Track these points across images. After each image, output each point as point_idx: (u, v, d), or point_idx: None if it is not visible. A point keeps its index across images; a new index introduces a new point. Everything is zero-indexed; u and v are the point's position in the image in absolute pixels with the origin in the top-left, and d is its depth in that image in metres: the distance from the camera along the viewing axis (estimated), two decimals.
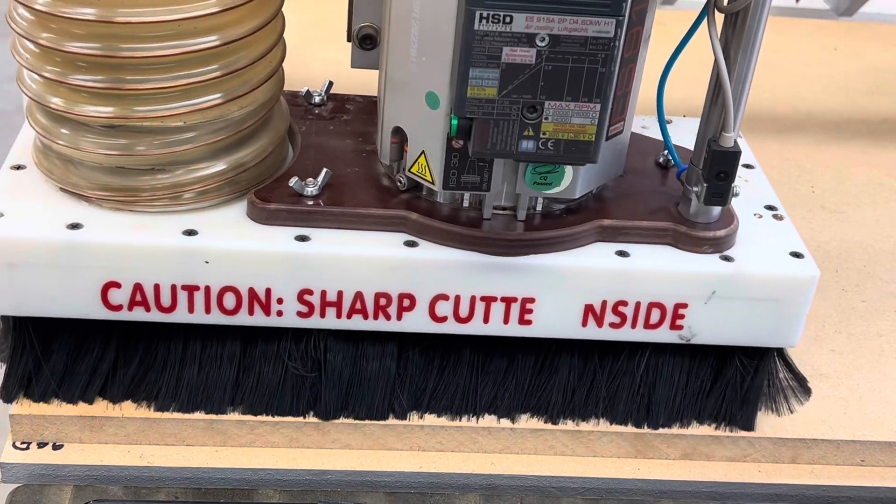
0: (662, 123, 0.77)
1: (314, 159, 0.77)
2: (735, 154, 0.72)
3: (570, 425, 0.77)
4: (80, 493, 0.72)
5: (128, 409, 0.74)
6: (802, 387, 0.80)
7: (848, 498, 0.79)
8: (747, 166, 0.86)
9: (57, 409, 0.74)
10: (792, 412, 0.79)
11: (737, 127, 0.73)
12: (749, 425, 0.78)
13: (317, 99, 0.85)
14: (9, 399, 0.74)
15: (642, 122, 0.86)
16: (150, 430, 0.75)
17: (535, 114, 0.66)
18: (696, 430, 0.78)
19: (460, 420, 0.77)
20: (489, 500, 0.75)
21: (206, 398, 0.75)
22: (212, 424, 0.75)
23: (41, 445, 0.74)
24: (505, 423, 0.77)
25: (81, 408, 0.74)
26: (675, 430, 0.77)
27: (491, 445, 0.77)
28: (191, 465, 0.74)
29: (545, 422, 0.77)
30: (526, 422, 0.77)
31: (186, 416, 0.74)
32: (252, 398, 0.75)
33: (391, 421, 0.76)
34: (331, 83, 0.85)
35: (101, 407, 0.74)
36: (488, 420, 0.77)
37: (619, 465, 0.78)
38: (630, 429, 0.77)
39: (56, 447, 0.74)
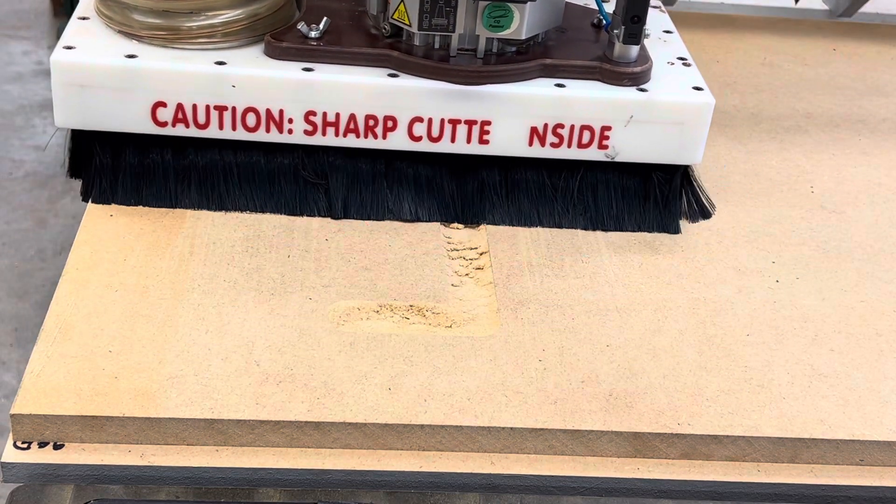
0: None
1: (317, 14, 0.95)
2: (645, 0, 0.92)
3: (567, 425, 0.77)
4: (80, 493, 0.73)
5: (129, 408, 0.75)
6: (708, 202, 1.00)
7: (847, 497, 0.79)
8: (667, 31, 1.06)
9: (58, 408, 0.74)
10: (705, 217, 0.99)
11: None
12: (673, 229, 0.98)
13: None
14: (86, 198, 0.95)
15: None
16: (150, 430, 0.75)
17: None
18: (696, 429, 0.78)
19: (439, 221, 0.96)
20: (489, 500, 0.75)
21: (247, 201, 0.95)
22: (212, 424, 0.75)
23: (42, 445, 0.74)
24: (505, 422, 0.77)
25: (82, 408, 0.74)
26: (675, 429, 0.78)
27: (491, 445, 0.77)
28: (191, 465, 0.74)
29: (511, 225, 0.97)
30: (524, 419, 0.77)
31: (187, 416, 0.75)
32: (278, 201, 0.95)
33: (391, 421, 0.76)
34: None
35: (101, 407, 0.74)
36: (488, 420, 0.77)
37: (618, 464, 0.78)
38: (629, 428, 0.77)
39: (57, 447, 0.74)
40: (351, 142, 0.93)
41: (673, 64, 0.99)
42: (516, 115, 0.93)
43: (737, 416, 0.79)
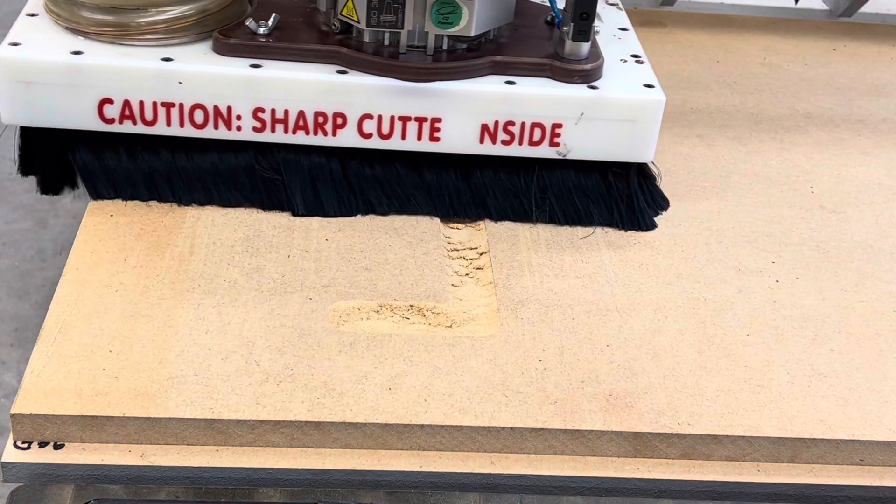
0: None
1: (268, 11, 0.95)
2: None
3: (567, 425, 0.77)
4: (80, 493, 0.73)
5: (129, 408, 0.75)
6: (663, 199, 1.00)
7: (847, 497, 0.79)
8: (622, 29, 1.06)
9: (58, 408, 0.74)
10: (659, 212, 0.99)
11: None
12: (639, 226, 0.97)
13: None
14: (44, 191, 0.95)
15: None
16: (150, 430, 0.75)
17: None
18: (696, 429, 0.78)
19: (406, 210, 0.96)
20: (489, 500, 0.75)
21: (202, 197, 0.94)
22: (212, 424, 0.75)
23: (42, 445, 0.74)
24: (505, 422, 0.77)
25: (82, 408, 0.74)
26: (675, 429, 0.78)
27: (491, 445, 0.77)
28: (191, 465, 0.74)
29: (475, 221, 0.97)
30: (524, 419, 0.77)
31: (187, 416, 0.75)
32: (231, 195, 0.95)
33: (391, 421, 0.76)
34: None
35: (101, 407, 0.75)
36: (488, 420, 0.77)
37: (618, 464, 0.78)
38: (629, 428, 0.77)
39: (57, 446, 0.74)
40: (300, 139, 0.93)
41: (626, 61, 0.99)
42: (466, 113, 0.92)
43: (737, 416, 0.79)
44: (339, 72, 0.91)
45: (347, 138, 0.93)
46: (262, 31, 0.92)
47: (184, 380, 0.77)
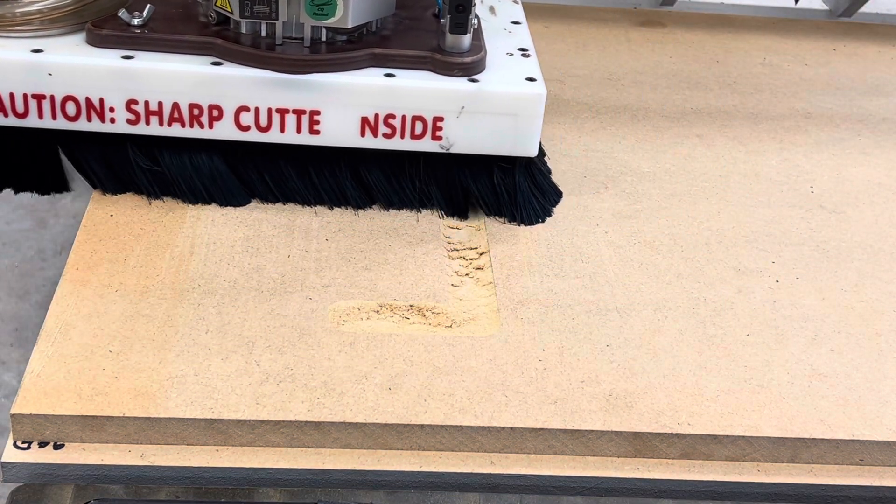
0: None
1: (146, 1, 0.93)
2: None
3: (567, 425, 0.77)
4: (80, 493, 0.73)
5: (129, 408, 0.75)
6: (555, 191, 1.01)
7: (847, 497, 0.79)
8: (515, 23, 1.04)
9: (58, 408, 0.74)
10: (549, 214, 0.99)
11: None
12: (525, 220, 0.97)
13: None
14: None
15: None
16: (150, 430, 0.75)
17: None
18: (696, 429, 0.78)
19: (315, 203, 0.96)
20: (489, 500, 0.75)
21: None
22: (212, 424, 0.75)
23: (42, 445, 0.74)
24: (505, 422, 0.77)
25: (82, 408, 0.74)
26: (675, 429, 0.78)
27: (491, 445, 0.77)
28: (191, 465, 0.74)
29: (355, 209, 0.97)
30: (524, 419, 0.77)
31: (187, 416, 0.75)
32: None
33: (391, 421, 0.76)
34: None
35: (101, 407, 0.75)
36: (488, 420, 0.77)
37: (618, 464, 0.78)
38: (629, 428, 0.77)
39: (57, 446, 0.74)
40: (176, 131, 0.91)
41: (512, 55, 0.97)
42: (345, 105, 0.91)
43: (737, 416, 0.79)
44: (214, 63, 0.90)
45: (224, 131, 0.92)
46: (136, 21, 0.91)
47: (184, 380, 0.77)
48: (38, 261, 1.77)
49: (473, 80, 0.92)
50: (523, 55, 0.97)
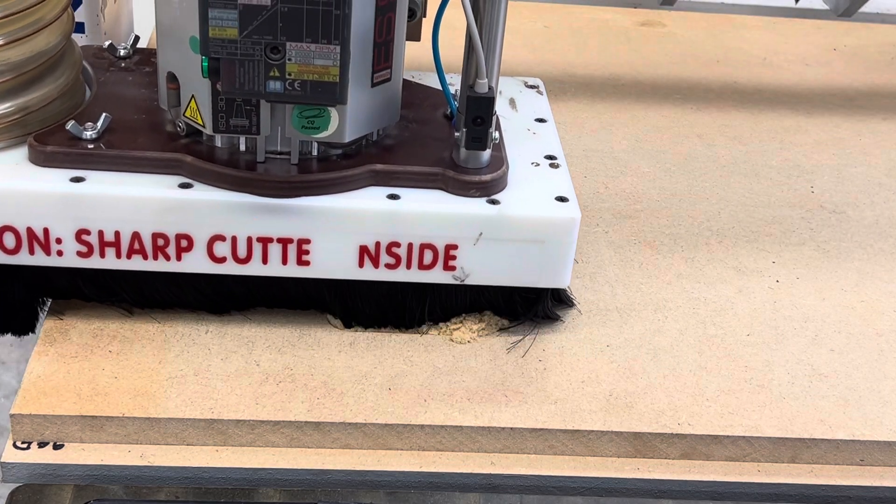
0: (440, 72, 0.79)
1: (104, 106, 0.79)
2: (489, 100, 0.75)
3: (567, 425, 0.77)
4: (80, 493, 0.73)
5: (129, 408, 0.75)
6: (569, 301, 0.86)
7: (847, 497, 0.79)
8: (540, 120, 0.90)
9: (58, 408, 0.74)
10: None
11: (492, 74, 0.77)
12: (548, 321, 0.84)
13: (122, 52, 0.88)
14: None
15: (450, 78, 0.86)
16: (150, 430, 0.75)
17: (278, 55, 0.69)
18: (696, 429, 0.78)
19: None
20: (489, 500, 0.75)
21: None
22: (212, 424, 0.75)
23: (42, 445, 0.74)
24: (505, 422, 0.77)
25: (82, 408, 0.74)
26: (675, 429, 0.78)
27: (491, 445, 0.77)
28: (191, 465, 0.74)
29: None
30: (524, 419, 0.77)
31: (187, 416, 0.74)
32: None
33: (391, 421, 0.76)
34: (137, 37, 0.89)
35: (101, 407, 0.74)
36: (488, 420, 0.77)
37: (618, 464, 0.78)
38: (629, 428, 0.77)
39: (56, 447, 0.74)
40: (137, 264, 0.77)
41: (538, 165, 0.83)
42: (341, 233, 0.77)
43: (737, 416, 0.79)
44: (183, 185, 0.75)
45: (195, 263, 0.77)
46: (88, 134, 0.76)
47: (184, 380, 0.77)
48: None
49: (493, 202, 0.78)
50: (551, 165, 0.84)
